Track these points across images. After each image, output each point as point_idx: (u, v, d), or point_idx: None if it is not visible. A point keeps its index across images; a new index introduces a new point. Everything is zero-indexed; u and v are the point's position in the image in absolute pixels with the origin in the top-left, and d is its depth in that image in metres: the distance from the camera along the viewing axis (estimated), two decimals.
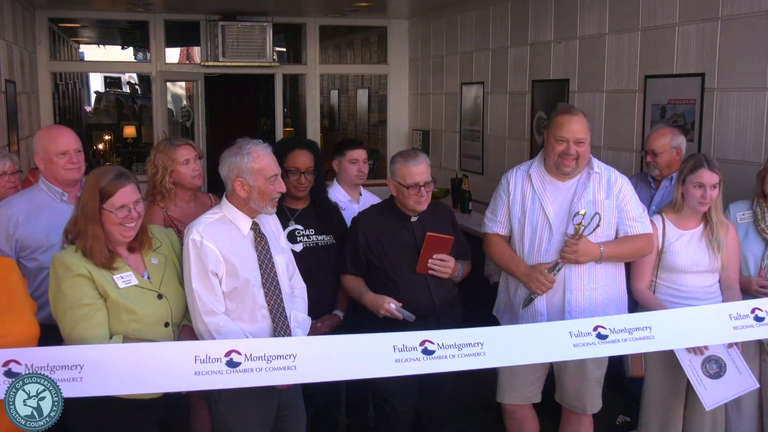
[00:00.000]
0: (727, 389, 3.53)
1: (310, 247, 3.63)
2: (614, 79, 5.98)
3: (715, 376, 3.53)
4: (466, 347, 2.74)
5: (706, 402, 3.54)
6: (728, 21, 4.93)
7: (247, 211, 3.16)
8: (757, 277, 3.74)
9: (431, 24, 9.31)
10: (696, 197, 3.62)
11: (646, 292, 3.71)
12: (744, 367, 3.55)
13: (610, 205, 3.60)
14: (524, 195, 3.60)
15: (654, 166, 4.42)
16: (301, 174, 3.84)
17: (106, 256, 2.90)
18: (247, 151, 3.11)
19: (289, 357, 2.66)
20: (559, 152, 3.52)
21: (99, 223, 2.90)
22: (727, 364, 3.54)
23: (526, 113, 7.11)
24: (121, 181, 2.93)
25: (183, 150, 3.80)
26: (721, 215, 3.72)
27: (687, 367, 3.54)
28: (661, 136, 4.46)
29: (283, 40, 12.56)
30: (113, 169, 2.98)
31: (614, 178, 3.64)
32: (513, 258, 3.63)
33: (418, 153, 3.76)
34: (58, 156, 3.57)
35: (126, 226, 2.94)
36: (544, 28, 6.87)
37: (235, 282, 3.06)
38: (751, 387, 3.57)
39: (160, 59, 9.32)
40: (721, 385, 3.52)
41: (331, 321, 3.83)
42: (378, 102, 11.31)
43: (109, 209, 2.90)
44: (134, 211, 2.95)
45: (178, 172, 3.76)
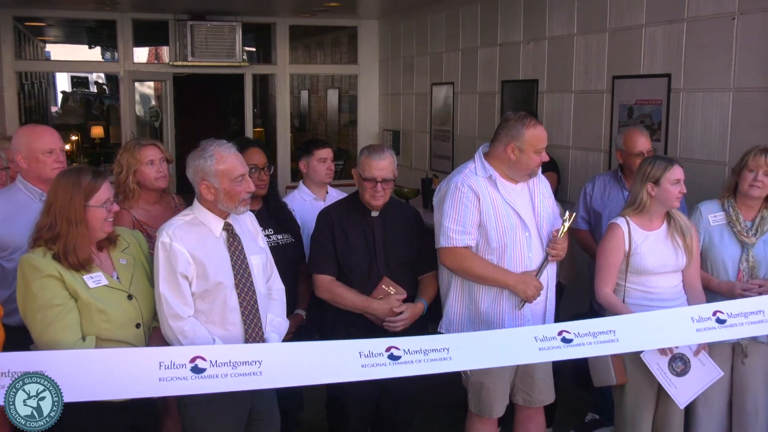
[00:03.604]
0: (695, 384, 3.59)
1: (272, 246, 3.62)
2: (582, 79, 6.02)
3: (682, 373, 3.57)
4: (432, 352, 2.75)
5: (679, 401, 3.59)
6: (693, 22, 4.98)
7: (218, 212, 3.13)
8: (737, 282, 3.74)
9: (401, 24, 9.32)
10: (674, 194, 3.63)
11: (611, 296, 3.71)
12: (706, 359, 3.60)
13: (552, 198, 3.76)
14: (493, 201, 3.54)
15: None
16: (260, 170, 3.89)
17: (88, 254, 2.90)
18: (210, 153, 3.08)
19: (254, 363, 2.65)
20: (538, 162, 3.56)
21: (84, 223, 2.88)
22: (690, 359, 3.59)
23: (496, 113, 7.13)
24: (101, 177, 2.96)
25: (148, 150, 3.76)
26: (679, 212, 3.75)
27: (655, 370, 3.58)
28: (646, 137, 4.49)
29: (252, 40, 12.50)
30: (86, 168, 2.99)
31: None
32: (500, 269, 3.53)
33: (385, 149, 3.73)
34: (45, 154, 3.54)
35: (108, 221, 2.96)
36: (514, 28, 6.89)
37: (206, 284, 3.03)
38: (716, 376, 3.63)
39: (127, 59, 9.24)
40: (688, 381, 3.58)
41: (295, 320, 3.82)
42: (348, 102, 11.32)
43: (96, 204, 2.90)
44: (115, 205, 2.99)
45: (142, 173, 3.72)
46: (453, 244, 3.52)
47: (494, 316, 3.57)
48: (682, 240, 3.67)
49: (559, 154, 6.19)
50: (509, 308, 3.56)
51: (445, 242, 3.54)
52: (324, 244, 3.73)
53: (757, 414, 3.78)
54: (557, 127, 6.31)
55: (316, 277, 3.73)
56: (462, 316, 3.64)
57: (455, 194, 3.52)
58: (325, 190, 4.53)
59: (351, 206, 3.80)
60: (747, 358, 3.74)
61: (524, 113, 3.63)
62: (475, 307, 3.59)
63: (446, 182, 3.65)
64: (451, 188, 3.55)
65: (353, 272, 3.70)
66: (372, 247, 3.71)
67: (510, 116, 3.62)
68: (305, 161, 4.49)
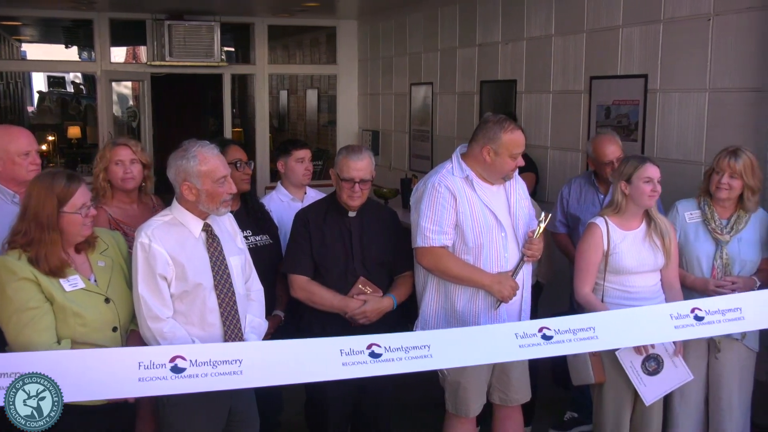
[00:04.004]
0: (664, 384, 3.65)
1: (250, 248, 3.60)
2: (560, 79, 6.05)
3: (653, 373, 3.62)
4: (413, 350, 2.75)
5: (646, 398, 3.65)
6: (670, 23, 5.03)
7: (197, 213, 3.11)
8: (711, 278, 3.78)
9: (380, 25, 9.32)
10: (646, 192, 3.64)
11: (590, 295, 3.72)
12: (680, 362, 3.64)
13: (528, 200, 3.77)
14: (470, 201, 3.54)
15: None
16: (245, 164, 3.92)
17: (61, 260, 2.87)
18: (193, 153, 3.05)
19: (235, 362, 2.63)
20: (513, 167, 3.57)
21: (57, 229, 2.86)
22: (664, 360, 3.63)
23: (475, 113, 7.15)
24: (75, 182, 2.91)
25: (119, 150, 3.73)
26: (658, 211, 3.76)
27: (628, 368, 3.62)
28: (616, 144, 4.47)
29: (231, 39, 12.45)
30: (61, 173, 2.95)
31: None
32: (476, 269, 3.53)
33: (363, 150, 3.73)
34: (21, 156, 3.49)
35: (86, 225, 2.93)
36: (492, 29, 6.92)
37: (185, 285, 3.02)
38: (685, 379, 3.68)
39: (104, 58, 9.19)
40: (659, 380, 3.63)
41: (273, 321, 3.81)
42: (327, 102, 11.31)
43: (71, 211, 2.87)
44: (93, 209, 2.96)
45: (111, 171, 3.70)
46: (430, 243, 3.52)
47: (470, 316, 3.57)
48: (661, 241, 3.69)
49: (538, 154, 6.21)
50: (485, 308, 3.57)
51: (422, 242, 3.53)
52: (300, 244, 3.72)
53: (732, 410, 3.81)
54: (536, 127, 6.34)
55: (292, 277, 3.71)
56: (438, 315, 3.64)
57: (432, 194, 3.52)
58: (303, 191, 4.51)
59: (328, 206, 3.79)
60: (720, 353, 3.78)
61: (504, 116, 3.62)
62: (451, 307, 3.59)
63: (423, 182, 3.65)
64: (429, 188, 3.55)
65: (330, 272, 3.69)
66: (349, 247, 3.70)
67: (489, 118, 3.62)
68: (283, 161, 4.47)
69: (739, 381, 3.81)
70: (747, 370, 3.84)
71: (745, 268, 3.79)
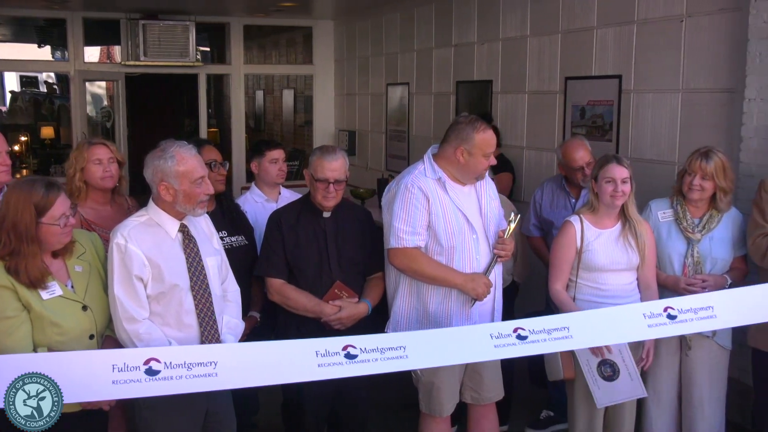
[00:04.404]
0: (618, 393, 3.67)
1: (226, 248, 3.57)
2: (536, 80, 6.08)
3: (608, 378, 3.65)
4: (388, 350, 2.75)
5: (598, 400, 3.67)
6: (643, 25, 5.07)
7: (174, 213, 3.09)
8: (683, 276, 3.81)
9: (356, 25, 9.32)
10: (608, 192, 3.66)
11: (561, 292, 3.75)
12: (636, 375, 3.67)
13: (498, 200, 3.78)
14: (442, 203, 3.54)
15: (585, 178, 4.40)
16: (219, 165, 3.91)
17: (41, 272, 2.83)
18: (170, 154, 3.04)
19: (210, 364, 2.61)
20: (486, 166, 3.58)
21: (35, 240, 2.82)
22: (620, 369, 3.65)
23: (451, 114, 7.17)
24: (54, 191, 2.86)
25: (97, 149, 3.72)
26: (637, 213, 3.79)
27: (584, 366, 3.66)
28: (585, 149, 4.47)
29: (206, 39, 12.38)
30: (39, 181, 2.90)
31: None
32: (449, 269, 3.53)
33: (337, 150, 3.72)
34: None
35: (65, 233, 2.90)
36: (468, 29, 6.94)
37: (162, 286, 3.00)
38: (639, 395, 3.72)
39: (78, 58, 9.11)
40: (613, 387, 3.65)
41: (249, 322, 3.79)
42: (304, 102, 11.28)
43: (49, 222, 2.83)
44: (72, 218, 2.91)
45: (89, 171, 3.68)
46: (403, 244, 3.51)
47: (442, 317, 3.57)
48: (635, 240, 3.71)
49: (514, 154, 6.24)
50: (457, 309, 3.57)
51: (395, 243, 3.52)
52: (273, 246, 3.70)
53: (704, 407, 3.84)
54: (511, 127, 6.37)
55: (268, 280, 3.71)
56: (409, 317, 3.64)
57: (405, 195, 3.51)
58: (277, 191, 4.50)
59: (302, 207, 3.78)
60: (691, 351, 3.81)
61: (474, 117, 3.63)
62: (423, 308, 3.59)
63: (396, 183, 3.63)
64: (401, 189, 3.54)
65: (304, 274, 3.68)
66: (324, 248, 3.69)
67: (461, 119, 3.62)
68: (257, 162, 4.46)
69: (710, 378, 3.84)
70: (719, 367, 3.86)
71: (716, 266, 3.82)
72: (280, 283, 3.69)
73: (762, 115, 4.26)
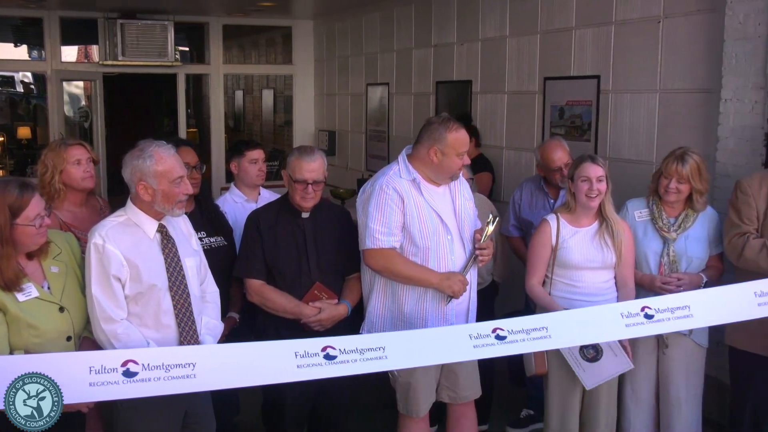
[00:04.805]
0: (604, 371, 3.68)
1: (205, 249, 3.56)
2: (515, 80, 6.09)
3: (592, 359, 3.67)
4: (368, 351, 2.75)
5: (586, 382, 3.69)
6: (621, 25, 5.10)
7: (152, 213, 3.08)
8: (658, 275, 3.84)
9: (336, 25, 9.30)
10: (584, 191, 3.69)
11: (537, 287, 3.80)
12: (619, 350, 3.68)
13: (472, 200, 3.77)
14: (417, 204, 3.55)
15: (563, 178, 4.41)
16: (192, 168, 3.84)
17: (17, 274, 2.80)
18: (149, 153, 3.03)
19: (188, 365, 2.59)
20: (460, 166, 3.59)
21: (10, 242, 2.79)
22: (603, 348, 3.67)
23: (431, 114, 7.15)
24: (28, 192, 2.84)
25: (75, 150, 3.69)
26: (614, 213, 3.81)
27: (566, 353, 3.68)
28: (563, 149, 4.48)
29: (185, 39, 12.28)
30: (12, 182, 2.87)
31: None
32: (425, 268, 3.54)
33: (316, 151, 3.71)
34: None
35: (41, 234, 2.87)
36: (448, 30, 6.94)
37: (140, 286, 2.99)
38: (626, 368, 3.72)
39: (55, 58, 9.03)
40: (598, 367, 3.67)
41: (228, 323, 3.77)
42: (283, 102, 11.25)
43: (24, 222, 2.80)
44: (47, 219, 2.89)
45: (68, 173, 3.65)
46: (378, 245, 3.51)
47: (417, 318, 3.58)
48: (612, 239, 3.73)
49: (493, 154, 6.25)
50: (432, 310, 3.58)
51: (371, 243, 3.52)
52: (252, 247, 3.69)
53: (681, 405, 3.87)
54: (491, 127, 6.38)
55: (247, 281, 3.70)
56: (384, 317, 3.64)
57: (380, 196, 3.52)
58: (257, 192, 4.48)
59: (280, 208, 3.76)
60: (668, 349, 3.84)
61: (447, 116, 3.64)
62: (398, 309, 3.59)
63: (370, 184, 3.63)
64: (376, 190, 3.54)
65: (283, 274, 3.67)
66: (303, 249, 3.68)
67: (433, 119, 3.64)
68: (236, 162, 4.44)
69: (687, 376, 3.86)
70: (695, 365, 3.89)
71: (692, 264, 3.85)
72: (259, 284, 3.67)
73: (738, 115, 4.30)
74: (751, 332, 3.58)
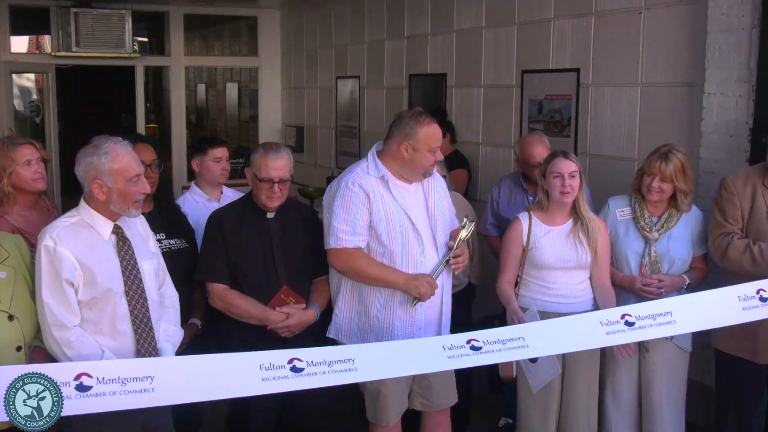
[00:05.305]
0: (542, 373, 3.69)
1: (164, 252, 3.51)
2: (492, 73, 6.05)
3: (533, 361, 3.67)
4: (336, 363, 2.72)
5: (532, 385, 3.72)
6: (601, 17, 5.06)
7: (107, 213, 3.02)
8: (639, 276, 3.80)
9: (304, 15, 9.26)
10: (557, 187, 3.67)
11: (506, 288, 3.79)
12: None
13: (448, 198, 3.75)
14: (385, 202, 3.50)
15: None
16: (147, 167, 3.72)
17: None
18: (104, 150, 2.96)
19: (146, 379, 2.54)
20: (432, 162, 3.53)
21: None
22: None
23: (404, 108, 7.11)
24: None
25: (24, 149, 3.58)
26: (590, 211, 3.78)
27: None
28: (544, 145, 4.42)
29: (144, 29, 12.14)
30: None
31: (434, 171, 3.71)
32: (391, 269, 3.49)
33: (282, 148, 3.65)
34: None
35: None
36: (421, 20, 6.90)
37: (94, 291, 2.93)
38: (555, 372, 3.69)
39: (4, 49, 8.81)
40: (538, 369, 3.69)
41: (190, 330, 3.71)
42: (249, 96, 11.20)
43: None
44: None
45: (18, 174, 3.53)
46: (342, 245, 3.47)
47: (384, 321, 3.53)
48: (587, 239, 3.70)
49: (469, 150, 6.23)
50: (400, 313, 3.52)
51: (335, 243, 3.48)
52: (214, 248, 3.62)
53: (663, 409, 3.84)
54: (467, 122, 6.36)
55: (210, 285, 3.63)
56: (351, 320, 3.61)
57: (345, 194, 3.48)
58: (219, 191, 4.46)
59: (245, 208, 3.70)
60: (649, 353, 3.81)
61: (418, 110, 3.63)
62: (365, 311, 3.55)
63: (337, 181, 3.60)
64: (342, 187, 3.51)
65: (248, 278, 3.59)
66: (269, 252, 3.61)
67: (404, 113, 3.60)
68: (198, 160, 4.40)
69: (668, 380, 3.84)
70: (677, 369, 3.86)
71: (674, 265, 3.81)
72: (223, 288, 3.60)
73: (722, 109, 4.27)
74: (737, 336, 3.58)
